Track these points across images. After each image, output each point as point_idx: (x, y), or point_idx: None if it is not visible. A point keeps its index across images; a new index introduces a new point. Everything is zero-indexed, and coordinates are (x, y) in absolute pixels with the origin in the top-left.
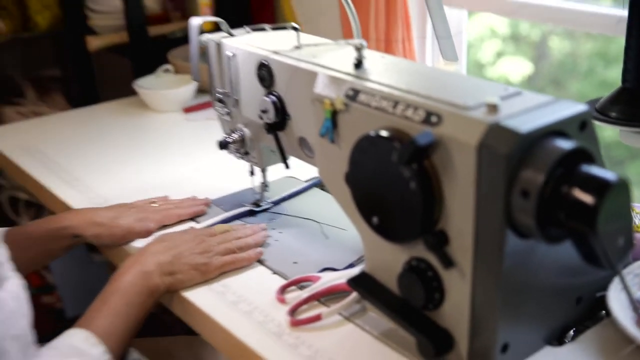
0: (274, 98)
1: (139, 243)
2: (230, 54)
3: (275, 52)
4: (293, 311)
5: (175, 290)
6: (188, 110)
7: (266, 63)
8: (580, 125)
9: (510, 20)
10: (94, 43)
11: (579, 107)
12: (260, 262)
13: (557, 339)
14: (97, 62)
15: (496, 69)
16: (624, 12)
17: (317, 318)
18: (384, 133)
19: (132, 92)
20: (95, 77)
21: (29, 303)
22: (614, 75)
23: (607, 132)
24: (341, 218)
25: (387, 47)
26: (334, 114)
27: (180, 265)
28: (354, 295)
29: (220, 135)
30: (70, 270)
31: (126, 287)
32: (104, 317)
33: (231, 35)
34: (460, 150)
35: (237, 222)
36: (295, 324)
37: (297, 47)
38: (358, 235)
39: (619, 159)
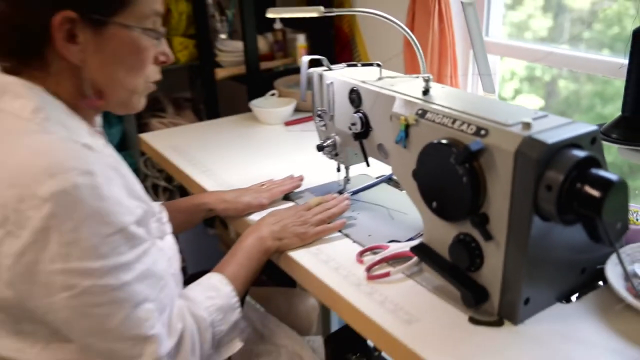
0: (361, 115)
1: (255, 217)
2: (329, 82)
3: (363, 82)
4: (369, 269)
5: (282, 252)
6: (288, 123)
7: (356, 89)
8: (592, 140)
9: (527, 64)
10: (220, 74)
11: (591, 127)
12: (344, 234)
13: (565, 298)
14: (220, 87)
15: (515, 103)
16: (625, 60)
17: (386, 275)
18: (444, 141)
19: (245, 110)
20: (218, 98)
21: (178, 254)
22: (609, 111)
23: (609, 156)
24: (403, 204)
25: (439, 80)
26: (407, 127)
27: (286, 233)
28: (414, 259)
29: (312, 142)
30: (192, 239)
31: (248, 247)
32: (232, 267)
33: (330, 69)
34: (502, 155)
35: None
36: (371, 278)
37: (380, 79)
38: (416, 217)
39: None
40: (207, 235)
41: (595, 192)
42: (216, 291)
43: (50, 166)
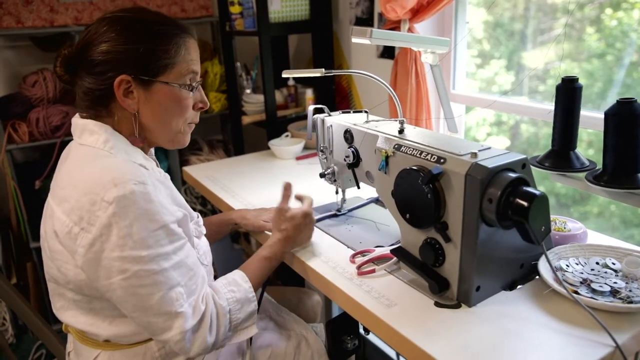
0: (353, 149)
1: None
2: (329, 125)
3: (355, 124)
4: (359, 267)
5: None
6: (299, 158)
7: (349, 130)
8: (522, 165)
9: (495, 112)
10: (245, 120)
11: (521, 156)
12: (341, 241)
13: (509, 287)
14: (245, 130)
15: (486, 144)
16: (552, 107)
17: (372, 271)
18: (414, 167)
19: (265, 148)
20: (243, 139)
21: (210, 251)
22: None
23: (558, 185)
24: (387, 219)
25: (416, 123)
26: (387, 158)
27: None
28: (394, 259)
29: (316, 172)
30: (221, 253)
31: (269, 255)
32: (253, 267)
33: (330, 115)
34: (456, 177)
35: (326, 221)
36: (360, 274)
37: (367, 122)
38: (397, 228)
39: (565, 202)
40: (233, 249)
41: (523, 203)
42: (237, 286)
43: (114, 178)
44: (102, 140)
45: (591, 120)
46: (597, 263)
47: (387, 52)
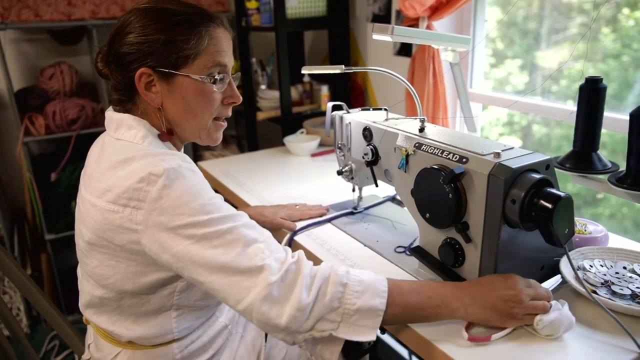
0: (371, 147)
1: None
2: (348, 122)
3: (374, 122)
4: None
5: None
6: (314, 155)
7: (368, 127)
8: (546, 166)
9: (508, 112)
10: (260, 116)
11: (545, 157)
12: (358, 240)
13: None
14: (259, 126)
15: (508, 144)
16: (574, 108)
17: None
18: (435, 167)
19: (280, 144)
20: (258, 135)
21: None
22: None
23: (569, 185)
24: (404, 217)
25: (433, 121)
26: (407, 156)
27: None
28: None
29: (332, 169)
30: None
31: (428, 292)
32: (404, 281)
33: (348, 112)
34: (478, 177)
35: (343, 219)
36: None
37: (386, 120)
38: (414, 227)
39: (576, 204)
40: None
41: (548, 204)
42: (368, 273)
43: (161, 155)
44: (141, 135)
45: (606, 121)
46: (625, 268)
47: (404, 50)
